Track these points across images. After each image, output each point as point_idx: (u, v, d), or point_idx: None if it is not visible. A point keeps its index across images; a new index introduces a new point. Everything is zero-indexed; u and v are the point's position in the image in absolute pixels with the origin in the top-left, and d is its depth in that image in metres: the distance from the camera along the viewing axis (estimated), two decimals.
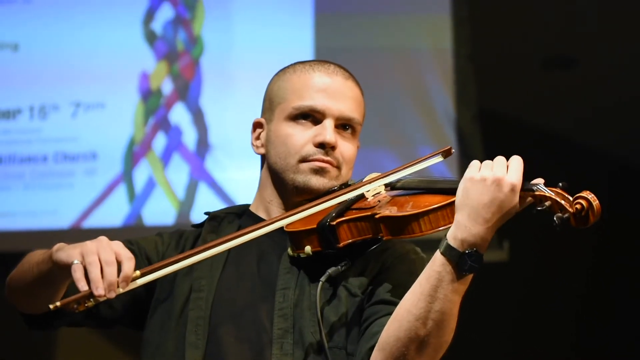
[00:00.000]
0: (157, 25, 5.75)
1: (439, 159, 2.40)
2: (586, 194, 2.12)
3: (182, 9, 5.77)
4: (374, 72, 5.58)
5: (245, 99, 5.27)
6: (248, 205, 2.60)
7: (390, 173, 2.40)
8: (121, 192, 5.59)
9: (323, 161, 2.45)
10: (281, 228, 2.35)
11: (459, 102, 5.62)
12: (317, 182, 2.45)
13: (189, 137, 5.63)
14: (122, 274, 2.12)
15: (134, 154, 5.62)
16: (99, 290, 2.08)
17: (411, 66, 5.68)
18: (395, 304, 2.22)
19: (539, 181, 2.17)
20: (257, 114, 2.61)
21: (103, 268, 2.11)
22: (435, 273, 2.14)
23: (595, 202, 2.11)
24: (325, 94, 2.49)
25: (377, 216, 2.26)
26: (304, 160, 2.46)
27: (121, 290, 2.12)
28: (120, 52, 5.69)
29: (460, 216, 2.13)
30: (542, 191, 2.14)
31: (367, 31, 5.72)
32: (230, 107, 5.54)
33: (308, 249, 2.32)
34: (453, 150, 2.41)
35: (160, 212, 5.55)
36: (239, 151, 5.34)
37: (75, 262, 2.13)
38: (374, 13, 5.76)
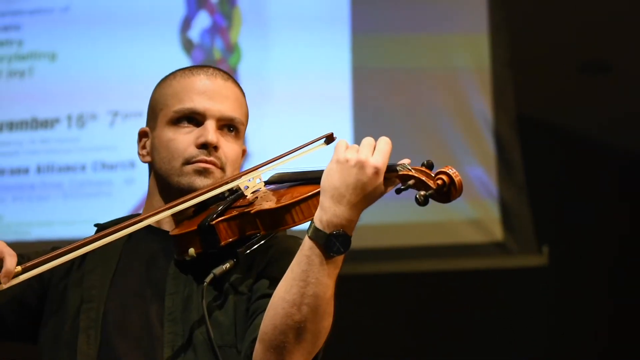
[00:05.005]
0: (194, 34, 5.77)
1: (321, 145, 2.44)
2: (447, 169, 2.10)
3: (219, 17, 5.78)
4: (411, 91, 5.55)
5: (283, 106, 5.26)
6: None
7: (263, 165, 2.47)
8: None
9: (206, 162, 2.45)
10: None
11: (497, 108, 5.59)
12: (201, 183, 2.44)
13: None
14: (3, 270, 2.17)
15: None
16: None
17: (449, 78, 5.65)
18: None
19: (405, 161, 2.15)
20: (295, 121, 2.61)
21: None
22: (305, 257, 2.13)
23: (457, 178, 2.08)
24: (205, 96, 2.50)
25: (252, 212, 2.28)
26: (187, 162, 2.45)
27: (4, 286, 2.18)
28: (158, 60, 5.70)
29: (324, 198, 2.13)
30: (406, 170, 2.11)
31: (402, 50, 5.70)
32: (268, 115, 5.52)
33: (192, 251, 2.31)
34: (335, 136, 2.43)
35: None
36: None
37: None
38: (408, 33, 5.73)
